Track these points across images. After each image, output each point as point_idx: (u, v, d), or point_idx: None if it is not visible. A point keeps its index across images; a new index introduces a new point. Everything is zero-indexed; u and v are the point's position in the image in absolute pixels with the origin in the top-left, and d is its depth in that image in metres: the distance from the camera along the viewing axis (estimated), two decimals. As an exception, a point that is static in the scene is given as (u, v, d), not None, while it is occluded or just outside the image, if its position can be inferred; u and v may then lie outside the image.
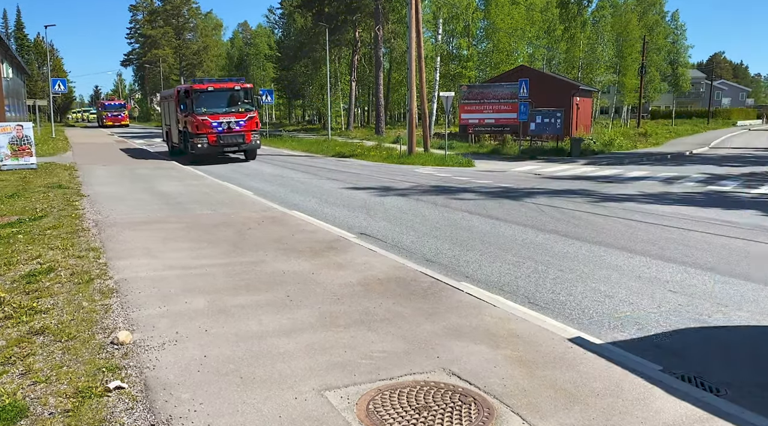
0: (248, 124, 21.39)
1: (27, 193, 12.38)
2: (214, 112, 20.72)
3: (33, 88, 66.07)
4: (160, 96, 27.32)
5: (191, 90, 20.92)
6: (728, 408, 3.65)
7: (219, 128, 20.71)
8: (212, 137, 20.70)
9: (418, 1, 23.50)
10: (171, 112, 23.72)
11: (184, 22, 77.50)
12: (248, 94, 21.85)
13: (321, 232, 8.87)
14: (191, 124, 20.76)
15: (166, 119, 25.69)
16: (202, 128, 20.54)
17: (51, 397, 3.71)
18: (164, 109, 26.38)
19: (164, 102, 26.43)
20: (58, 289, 5.83)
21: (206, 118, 20.51)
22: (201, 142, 20.60)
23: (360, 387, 3.81)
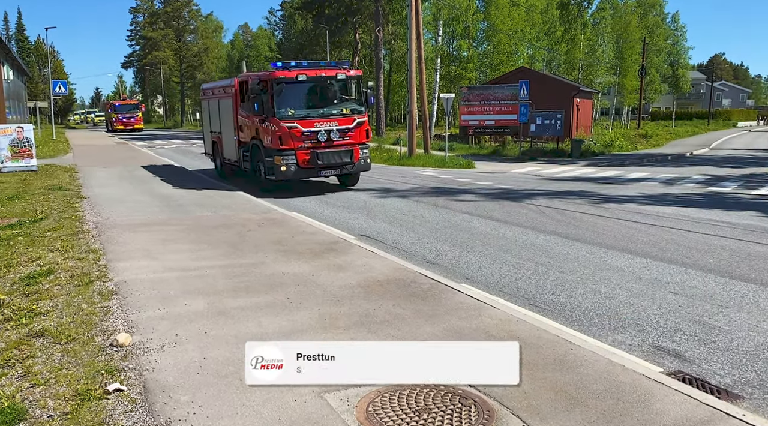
0: (356, 133, 13.70)
1: (27, 195, 12.38)
2: (306, 115, 13.22)
3: (34, 90, 66.11)
4: (202, 91, 18.93)
5: (271, 80, 13.13)
6: (729, 410, 3.64)
7: (314, 140, 13.16)
8: (304, 154, 13.12)
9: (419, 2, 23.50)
10: (224, 115, 16.17)
11: (184, 24, 77.54)
12: (357, 86, 14.25)
13: (321, 234, 8.86)
14: (270, 133, 13.17)
15: (212, 124, 17.46)
16: (289, 141, 12.95)
17: (50, 399, 3.70)
18: (209, 110, 17.70)
19: (209, 99, 17.67)
20: (58, 291, 5.83)
21: (295, 126, 12.94)
22: (286, 163, 13.06)
23: (360, 389, 3.80)
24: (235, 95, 15.10)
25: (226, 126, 16.10)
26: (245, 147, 14.81)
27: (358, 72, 14.50)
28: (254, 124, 13.88)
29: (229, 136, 15.99)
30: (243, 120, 14.72)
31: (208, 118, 18.06)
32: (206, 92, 18.38)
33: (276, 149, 13.10)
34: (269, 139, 13.24)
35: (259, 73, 14.36)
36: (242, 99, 14.67)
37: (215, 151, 17.65)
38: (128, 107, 53.31)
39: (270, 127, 13.16)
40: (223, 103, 16.23)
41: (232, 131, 15.63)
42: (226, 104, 15.86)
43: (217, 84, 18.05)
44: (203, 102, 18.78)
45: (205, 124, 18.81)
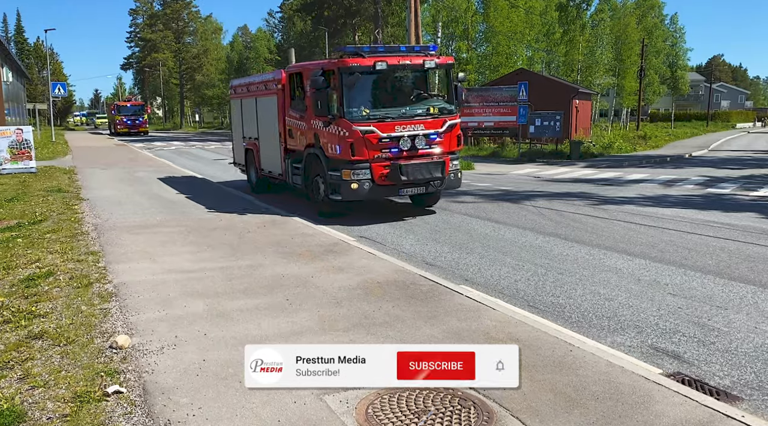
0: (446, 139, 10.55)
1: (26, 197, 12.37)
2: (384, 116, 10.09)
3: (33, 92, 66.12)
4: (232, 88, 15.57)
5: (340, 69, 9.91)
6: (728, 411, 3.64)
7: (394, 149, 10.05)
8: (381, 167, 10.03)
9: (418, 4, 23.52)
10: (263, 117, 12.98)
11: (183, 25, 77.57)
12: (447, 77, 11.06)
13: (320, 236, 8.86)
14: (336, 140, 10.02)
15: (245, 129, 14.22)
16: (363, 149, 9.87)
17: (49, 401, 3.70)
18: (241, 111, 14.39)
19: (241, 98, 14.38)
20: (57, 293, 5.82)
21: (371, 130, 9.89)
22: (359, 179, 9.96)
23: (359, 391, 3.80)
24: (282, 92, 11.94)
25: (267, 131, 12.87)
26: (295, 157, 11.61)
27: (449, 59, 10.94)
28: (311, 128, 10.65)
29: (270, 143, 12.75)
30: (294, 122, 11.53)
31: (239, 121, 14.58)
32: (238, 89, 14.80)
33: (345, 160, 9.85)
34: (335, 148, 9.98)
35: (320, 62, 11.21)
36: (292, 96, 11.65)
37: (249, 160, 14.21)
38: (133, 109, 49.10)
39: (337, 131, 9.93)
40: (262, 102, 12.98)
41: (275, 137, 12.40)
42: (268, 103, 12.61)
43: (254, 79, 14.58)
44: (233, 102, 15.32)
45: (235, 128, 15.22)
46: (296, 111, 11.46)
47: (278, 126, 12.22)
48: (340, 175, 10.00)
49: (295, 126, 11.56)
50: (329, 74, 10.06)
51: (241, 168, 15.21)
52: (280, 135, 12.22)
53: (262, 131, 13.23)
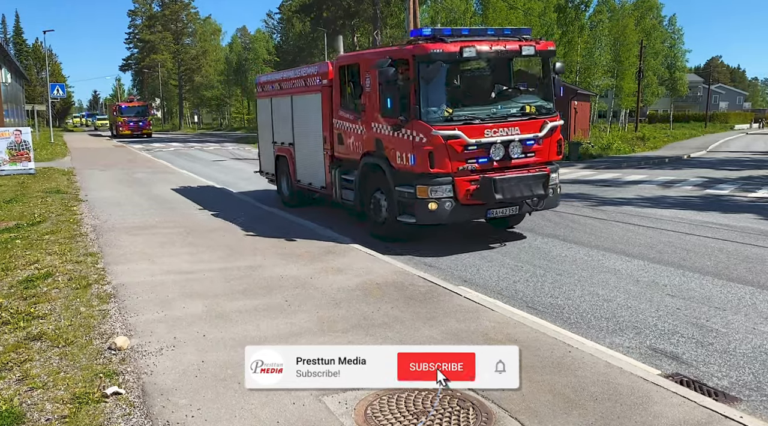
0: (546, 145, 8.55)
1: (25, 198, 12.36)
2: (471, 117, 8.07)
3: (32, 93, 66.08)
4: (259, 85, 13.56)
5: (417, 57, 7.87)
6: (727, 412, 3.65)
7: (483, 159, 8.08)
8: (467, 183, 8.01)
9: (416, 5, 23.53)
10: (302, 118, 11.10)
11: (182, 27, 77.60)
12: (544, 67, 8.86)
13: (321, 237, 8.86)
14: (408, 147, 8.06)
15: (276, 132, 12.32)
16: (445, 159, 7.90)
17: (48, 403, 3.70)
18: (271, 112, 12.50)
19: (272, 97, 12.48)
20: (56, 295, 5.82)
21: (456, 135, 7.84)
22: (438, 197, 7.92)
23: (358, 392, 3.80)
24: (329, 89, 9.92)
25: (306, 135, 10.86)
26: (346, 167, 9.59)
27: (549, 44, 8.79)
28: (371, 132, 8.64)
29: (310, 149, 10.75)
30: (345, 125, 9.44)
31: (268, 124, 12.58)
32: (267, 86, 12.83)
33: (420, 174, 7.82)
34: (407, 157, 7.95)
35: (385, 49, 9.04)
36: (343, 93, 9.62)
37: (280, 169, 12.31)
38: (136, 110, 46.31)
39: (410, 136, 7.84)
40: (300, 101, 11.01)
41: (317, 143, 10.40)
42: (308, 103, 10.62)
43: (289, 74, 11.89)
44: (261, 102, 13.33)
45: (263, 131, 13.15)
46: (349, 111, 9.40)
47: (322, 130, 10.19)
48: (414, 192, 7.87)
49: (348, 129, 9.40)
50: (400, 64, 7.96)
51: (269, 177, 13.21)
52: (324, 140, 10.18)
53: (299, 136, 11.22)
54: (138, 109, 46.50)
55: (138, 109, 46.50)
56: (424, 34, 8.18)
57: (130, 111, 45.94)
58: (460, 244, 8.65)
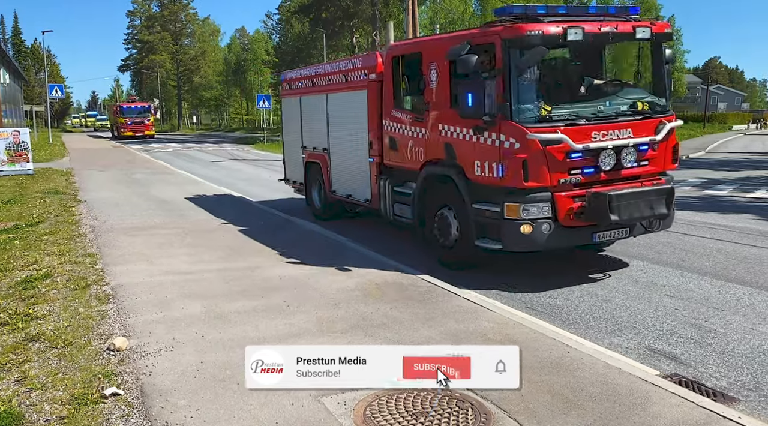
0: (661, 152, 6.90)
1: (23, 199, 12.35)
2: (575, 116, 6.39)
3: (30, 94, 66.02)
4: (285, 82, 11.88)
5: (510, 41, 6.14)
6: (725, 412, 3.66)
7: (589, 169, 6.39)
8: (570, 199, 6.30)
9: (416, 6, 23.55)
10: (339, 119, 9.68)
11: (181, 27, 77.65)
12: (657, 54, 7.16)
13: (320, 237, 8.86)
14: (498, 154, 6.32)
15: (305, 135, 10.88)
16: (543, 170, 6.18)
17: (46, 404, 3.70)
18: (300, 112, 11.00)
19: (301, 95, 10.97)
20: (55, 296, 5.82)
21: (559, 139, 6.12)
22: (535, 218, 6.19)
23: (357, 393, 3.80)
24: (377, 84, 8.42)
25: (346, 139, 9.38)
26: (400, 178, 8.12)
27: (665, 26, 7.20)
28: (439, 136, 7.12)
29: (352, 156, 9.27)
30: (401, 128, 7.91)
31: (297, 126, 11.03)
32: (295, 83, 11.20)
33: (509, 188, 6.28)
34: (490, 167, 6.39)
35: (463, 33, 7.17)
36: (397, 89, 8.12)
37: (311, 178, 10.80)
38: (138, 110, 44.91)
39: (497, 141, 6.29)
40: (339, 99, 9.48)
41: (360, 148, 8.92)
42: (351, 101, 9.07)
43: (324, 68, 10.40)
44: (286, 101, 11.77)
45: (289, 134, 11.67)
46: (405, 111, 7.89)
47: (368, 133, 8.66)
48: (500, 211, 6.28)
49: (404, 133, 7.86)
50: (483, 50, 6.33)
51: (296, 187, 11.78)
52: (370, 145, 8.63)
53: (336, 140, 9.70)
54: (140, 110, 45.14)
55: (140, 110, 45.14)
56: (513, 11, 6.49)
57: (132, 111, 44.63)
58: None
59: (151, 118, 45.88)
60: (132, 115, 44.08)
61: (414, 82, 7.91)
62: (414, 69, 7.82)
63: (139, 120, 44.03)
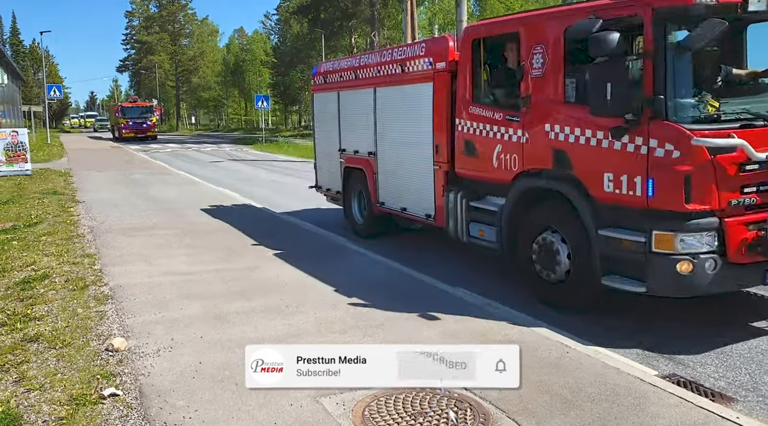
0: None
1: (22, 200, 12.33)
2: (750, 115, 4.89)
3: (28, 94, 65.89)
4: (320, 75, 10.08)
5: (669, 10, 4.58)
6: (723, 412, 3.66)
7: (766, 186, 4.80)
8: (743, 226, 4.71)
9: (414, 7, 23.57)
10: (394, 117, 8.06)
11: (180, 28, 77.63)
12: None
13: (319, 238, 8.86)
14: (646, 165, 4.76)
15: (344, 137, 9.39)
16: (712, 187, 4.65)
17: (45, 404, 3.69)
18: (338, 110, 9.46)
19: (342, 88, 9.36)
20: (53, 296, 5.81)
21: (735, 144, 4.59)
22: (697, 252, 4.63)
23: (356, 393, 3.80)
24: (449, 74, 6.94)
25: (400, 141, 7.89)
26: (478, 190, 6.73)
27: None
28: (547, 139, 5.64)
29: (408, 161, 7.78)
30: (486, 128, 6.38)
31: (333, 125, 9.52)
32: (331, 76, 9.65)
33: (662, 211, 4.81)
34: (631, 181, 4.96)
35: (587, 4, 5.39)
36: (477, 79, 6.60)
37: (351, 186, 9.30)
38: (140, 110, 43.04)
39: (644, 146, 4.85)
40: (392, 93, 8.00)
41: (421, 152, 7.42)
42: (408, 96, 7.61)
43: (372, 58, 8.66)
44: (320, 97, 10.14)
45: (323, 135, 10.11)
46: (490, 107, 6.34)
47: (433, 134, 7.14)
48: (647, 242, 4.80)
49: (487, 134, 6.30)
50: (622, 26, 4.89)
51: (330, 196, 10.28)
52: (436, 150, 7.11)
53: (386, 142, 8.19)
54: (141, 110, 43.27)
55: (141, 110, 43.27)
56: None
57: (133, 111, 42.69)
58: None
59: (153, 118, 44.44)
60: (134, 115, 42.47)
61: (502, 71, 6.39)
62: (505, 54, 6.40)
63: (141, 120, 42.49)
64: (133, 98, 50.56)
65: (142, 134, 41.80)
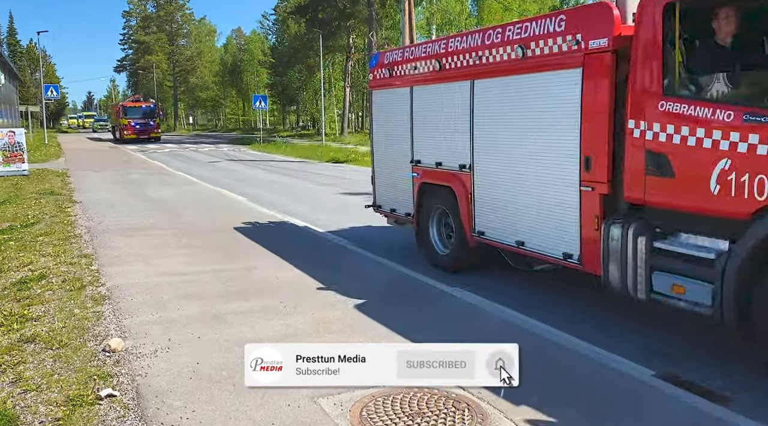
0: None
1: (19, 200, 12.31)
2: None
3: (25, 94, 65.82)
4: (386, 65, 7.88)
5: None
6: (719, 413, 3.67)
7: None
8: None
9: (412, 7, 23.57)
10: (503, 120, 6.06)
11: (177, 28, 77.62)
12: None
13: (316, 238, 8.86)
14: None
15: (427, 144, 7.26)
16: None
17: (41, 405, 3.68)
18: (411, 109, 7.42)
19: (416, 82, 7.38)
20: (50, 297, 5.80)
21: None
22: None
23: (353, 393, 3.79)
24: (612, 56, 4.91)
25: (519, 151, 5.94)
26: (674, 226, 4.62)
27: None
28: None
29: (533, 179, 5.80)
30: (693, 135, 4.30)
31: (404, 129, 7.64)
32: (400, 67, 7.75)
33: None
34: None
35: None
36: (668, 64, 4.49)
37: (428, 207, 7.47)
38: (143, 110, 41.06)
39: None
40: (500, 86, 6.12)
41: (557, 166, 5.49)
42: (536, 89, 5.66)
43: (469, 40, 6.54)
44: (381, 94, 8.26)
45: (386, 142, 8.21)
46: (705, 103, 4.32)
47: (580, 143, 5.20)
48: None
49: (698, 144, 4.30)
50: None
51: (395, 218, 8.32)
52: (586, 165, 5.18)
53: (491, 152, 6.29)
54: (144, 110, 41.23)
55: (144, 110, 41.23)
56: None
57: (136, 112, 40.72)
58: None
59: (157, 119, 42.55)
60: (136, 115, 40.51)
61: (725, 51, 4.44)
62: (726, 23, 4.39)
63: (143, 121, 40.52)
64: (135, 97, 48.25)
65: (146, 135, 40.11)
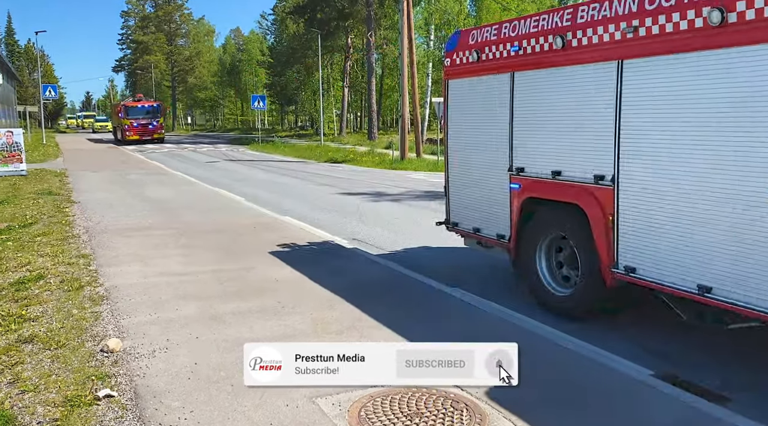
0: None
1: (16, 200, 12.29)
2: None
3: (24, 95, 65.73)
4: (472, 47, 6.11)
5: None
6: (717, 412, 3.67)
7: None
8: None
9: (410, 7, 23.58)
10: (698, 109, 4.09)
11: (176, 28, 77.56)
12: None
13: (314, 238, 8.85)
14: None
15: (534, 148, 5.65)
16: None
17: (39, 406, 3.68)
18: (509, 101, 5.79)
19: (515, 68, 5.71)
20: (48, 297, 5.79)
21: None
22: None
23: (352, 393, 3.79)
24: None
25: (711, 161, 4.07)
26: None
27: None
28: None
29: (730, 199, 3.95)
30: None
31: (500, 128, 6.03)
32: (496, 48, 5.99)
33: None
34: None
35: None
36: None
37: (534, 231, 5.86)
38: (145, 110, 39.44)
39: None
40: (658, 70, 4.41)
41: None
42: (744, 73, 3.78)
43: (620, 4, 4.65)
44: (464, 84, 6.56)
45: (463, 144, 6.72)
46: None
47: None
48: None
49: None
50: None
51: (479, 239, 6.69)
52: None
53: (655, 159, 4.57)
54: (147, 109, 39.68)
55: (147, 109, 39.68)
56: None
57: (138, 111, 39.17)
58: None
59: (161, 119, 40.82)
60: (139, 115, 38.91)
61: None
62: None
63: (146, 121, 38.94)
64: (138, 97, 46.80)
65: (149, 136, 38.76)
